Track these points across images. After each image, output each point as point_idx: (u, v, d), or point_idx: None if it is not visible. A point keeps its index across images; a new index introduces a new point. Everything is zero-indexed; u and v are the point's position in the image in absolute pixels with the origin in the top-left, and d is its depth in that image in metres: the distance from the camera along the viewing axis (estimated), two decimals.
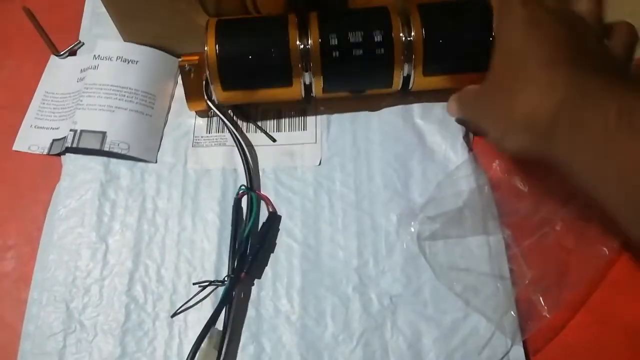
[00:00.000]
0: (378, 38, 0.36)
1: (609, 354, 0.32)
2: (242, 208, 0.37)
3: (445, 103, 0.39)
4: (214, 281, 0.35)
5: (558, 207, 0.35)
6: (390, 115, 0.40)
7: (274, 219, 0.37)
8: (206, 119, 0.41)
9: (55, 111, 0.42)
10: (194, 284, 0.35)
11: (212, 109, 0.39)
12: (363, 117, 0.40)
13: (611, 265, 0.35)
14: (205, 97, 0.39)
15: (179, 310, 0.34)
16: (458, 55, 0.37)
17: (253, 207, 0.36)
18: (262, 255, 0.36)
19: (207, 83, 0.38)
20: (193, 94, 0.39)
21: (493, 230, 0.35)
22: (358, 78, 0.38)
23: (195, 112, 0.41)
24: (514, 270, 0.34)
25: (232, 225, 0.36)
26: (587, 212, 0.35)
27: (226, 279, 0.34)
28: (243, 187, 0.37)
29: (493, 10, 0.34)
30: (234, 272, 0.34)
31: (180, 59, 0.39)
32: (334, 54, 0.36)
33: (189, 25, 0.39)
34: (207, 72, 0.37)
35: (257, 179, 0.38)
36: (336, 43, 0.36)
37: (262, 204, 0.37)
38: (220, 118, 0.39)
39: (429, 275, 0.35)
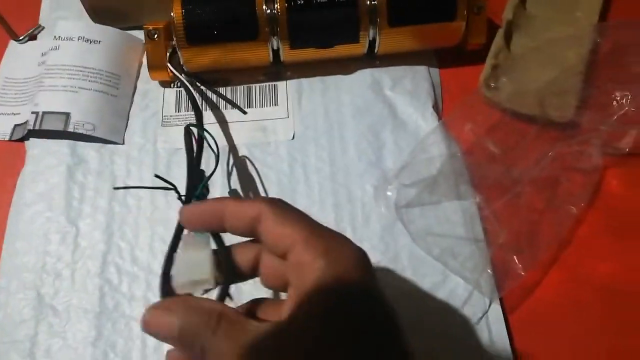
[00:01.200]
0: None
1: (581, 309, 0.33)
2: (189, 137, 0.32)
3: (414, 72, 0.40)
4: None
5: (529, 168, 0.36)
6: (360, 88, 0.40)
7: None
8: (174, 97, 0.40)
9: (16, 96, 0.41)
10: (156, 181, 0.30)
11: (176, 75, 0.39)
12: (334, 91, 0.40)
13: (579, 224, 0.36)
14: (168, 63, 0.38)
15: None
16: (423, 4, 0.38)
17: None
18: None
19: (173, 51, 0.38)
20: (156, 62, 0.39)
21: (465, 195, 0.36)
22: (324, 29, 0.38)
23: (159, 82, 0.41)
24: (487, 231, 0.35)
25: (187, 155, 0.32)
26: (556, 172, 0.36)
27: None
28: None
29: None
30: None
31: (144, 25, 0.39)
32: (299, 1, 0.37)
33: None
34: (174, 34, 0.36)
35: (230, 155, 0.38)
36: None
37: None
38: (182, 82, 0.38)
39: (405, 241, 0.35)
